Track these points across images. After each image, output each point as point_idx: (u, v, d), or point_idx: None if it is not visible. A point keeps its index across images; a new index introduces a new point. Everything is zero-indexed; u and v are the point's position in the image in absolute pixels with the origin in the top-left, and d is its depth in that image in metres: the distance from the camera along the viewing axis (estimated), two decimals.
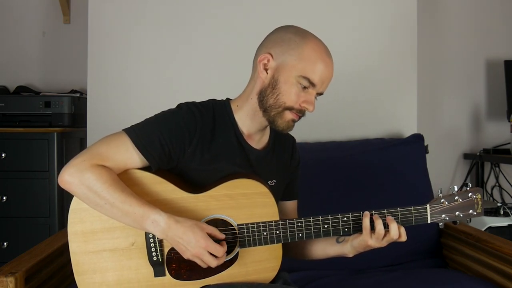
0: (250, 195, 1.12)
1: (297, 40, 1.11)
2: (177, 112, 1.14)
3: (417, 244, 1.78)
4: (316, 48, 1.12)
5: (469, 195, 1.16)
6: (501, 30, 2.72)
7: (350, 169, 1.85)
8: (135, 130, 1.10)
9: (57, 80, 2.59)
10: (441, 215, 1.15)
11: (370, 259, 1.74)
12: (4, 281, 1.10)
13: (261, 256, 1.14)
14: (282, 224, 1.12)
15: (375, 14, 2.15)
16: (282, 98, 1.11)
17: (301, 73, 1.10)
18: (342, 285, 1.55)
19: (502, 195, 2.70)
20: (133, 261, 1.10)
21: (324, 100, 2.14)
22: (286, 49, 1.11)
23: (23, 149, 2.14)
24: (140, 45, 2.06)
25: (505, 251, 1.43)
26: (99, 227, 1.09)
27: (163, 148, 1.09)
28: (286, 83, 1.11)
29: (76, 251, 1.10)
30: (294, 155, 1.32)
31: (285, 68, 1.11)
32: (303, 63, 1.10)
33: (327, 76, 1.13)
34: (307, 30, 1.16)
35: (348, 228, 1.13)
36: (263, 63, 1.13)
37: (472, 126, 2.74)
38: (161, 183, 1.10)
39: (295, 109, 1.13)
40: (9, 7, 2.57)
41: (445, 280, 1.50)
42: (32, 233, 2.13)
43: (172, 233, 1.03)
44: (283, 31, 1.15)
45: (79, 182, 1.04)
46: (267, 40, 1.16)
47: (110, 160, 1.07)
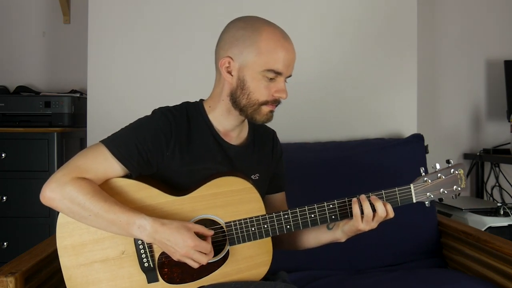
0: (235, 192, 1.12)
1: (250, 35, 1.11)
2: (151, 118, 1.15)
3: (417, 244, 1.78)
4: (271, 37, 1.11)
5: (452, 171, 1.17)
6: (501, 30, 2.72)
7: (350, 169, 1.85)
8: (112, 140, 1.11)
9: (57, 80, 2.59)
10: (426, 193, 1.15)
11: (370, 259, 1.75)
12: (4, 281, 1.10)
13: (252, 252, 1.14)
14: (269, 218, 1.13)
15: (375, 14, 2.15)
16: (254, 96, 1.12)
17: (264, 67, 1.10)
18: (342, 285, 1.55)
19: (502, 195, 2.71)
20: (125, 269, 1.10)
21: (324, 100, 2.17)
22: (243, 47, 1.11)
23: (23, 149, 2.14)
24: (140, 45, 2.06)
25: (505, 251, 1.42)
26: (88, 239, 1.09)
27: (141, 154, 1.10)
28: (253, 81, 1.11)
29: (68, 265, 1.09)
30: (276, 147, 1.32)
31: (248, 66, 1.11)
32: (263, 57, 1.10)
33: (290, 59, 1.13)
34: (258, 18, 1.15)
35: (335, 215, 1.14)
36: (225, 67, 1.13)
37: (472, 126, 2.74)
38: (145, 189, 1.10)
39: (269, 102, 1.13)
40: (9, 7, 2.58)
41: (445, 280, 1.50)
42: (32, 233, 2.13)
43: (159, 236, 1.04)
44: (234, 28, 1.14)
45: (61, 197, 1.04)
46: (222, 41, 1.16)
47: (90, 172, 1.07)
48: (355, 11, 2.14)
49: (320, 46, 2.13)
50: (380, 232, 1.61)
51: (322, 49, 2.13)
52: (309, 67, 2.11)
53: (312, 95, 2.11)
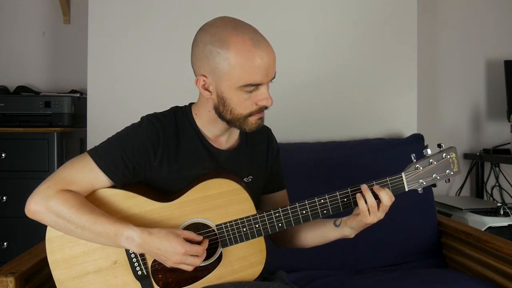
0: (224, 194, 1.11)
1: (218, 50, 1.02)
2: (138, 126, 1.12)
3: (417, 244, 1.78)
4: (240, 48, 1.01)
5: (444, 156, 1.13)
6: (501, 30, 2.72)
7: (350, 169, 1.84)
8: (97, 150, 1.09)
9: (57, 80, 2.59)
10: (418, 181, 1.12)
11: (370, 259, 1.75)
12: (4, 281, 1.10)
13: (245, 252, 1.14)
14: (260, 218, 1.11)
15: (374, 14, 2.15)
16: (236, 110, 1.07)
17: (240, 83, 1.03)
18: (342, 285, 1.55)
19: (502, 195, 2.70)
20: (119, 279, 1.09)
21: (324, 100, 2.17)
22: (213, 64, 1.04)
23: (23, 149, 2.14)
24: (140, 45, 2.06)
25: (505, 251, 1.42)
26: (78, 251, 1.08)
27: (126, 164, 1.08)
28: (233, 97, 1.06)
29: (61, 279, 1.09)
30: (271, 145, 1.28)
31: (223, 83, 1.05)
32: (236, 73, 1.02)
33: (267, 65, 1.04)
34: (223, 27, 1.04)
35: (327, 210, 1.12)
36: (202, 85, 1.08)
37: (472, 126, 2.74)
38: (132, 198, 1.09)
39: (254, 112, 1.09)
40: (9, 7, 2.57)
41: (445, 280, 1.50)
42: (32, 233, 2.11)
43: (148, 246, 1.03)
44: (201, 43, 1.06)
45: (46, 210, 1.03)
46: (193, 56, 1.09)
47: (75, 184, 1.06)
48: (354, 11, 2.14)
49: (320, 46, 2.13)
50: (380, 232, 1.63)
51: (322, 49, 2.13)
52: (309, 68, 2.11)
53: (312, 95, 2.11)
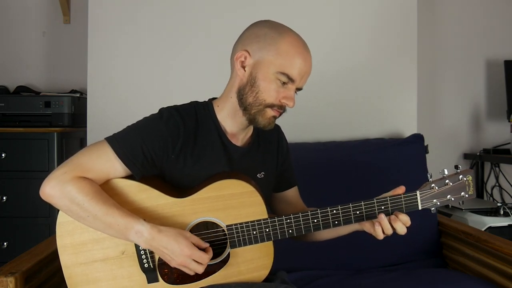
0: (237, 195, 1.11)
1: (273, 35, 1.09)
2: (159, 119, 1.11)
3: (417, 244, 1.78)
4: (293, 43, 1.09)
5: (460, 178, 1.12)
6: (501, 30, 2.72)
7: (350, 169, 1.85)
8: (117, 139, 1.08)
9: (57, 80, 2.59)
10: (432, 200, 1.12)
11: (370, 259, 1.75)
12: (4, 281, 1.10)
13: (253, 255, 1.14)
14: (271, 222, 1.11)
15: (374, 14, 2.15)
16: (261, 95, 1.10)
17: (279, 69, 1.08)
18: (342, 285, 1.55)
19: (502, 195, 2.70)
20: (125, 269, 1.10)
21: (324, 101, 2.17)
22: (263, 45, 1.09)
23: (23, 149, 2.14)
24: (140, 45, 2.06)
25: (505, 251, 1.42)
26: (88, 238, 1.09)
27: (145, 156, 1.08)
28: (265, 80, 1.09)
29: (68, 264, 1.09)
30: (282, 143, 1.31)
31: (263, 64, 1.09)
32: (281, 59, 1.08)
33: (305, 70, 1.11)
34: (283, 24, 1.13)
35: (338, 221, 1.12)
36: (240, 61, 1.11)
37: (472, 126, 2.74)
38: (146, 190, 1.09)
39: (275, 106, 1.11)
40: (9, 7, 2.58)
41: (445, 280, 1.50)
42: (32, 233, 2.13)
43: (156, 243, 1.03)
44: (258, 26, 1.13)
45: (61, 195, 1.03)
46: (243, 36, 1.14)
47: (91, 171, 1.06)
48: (354, 12, 2.14)
49: (319, 47, 2.12)
50: None
51: (322, 50, 2.12)
52: None
53: (312, 95, 2.11)
